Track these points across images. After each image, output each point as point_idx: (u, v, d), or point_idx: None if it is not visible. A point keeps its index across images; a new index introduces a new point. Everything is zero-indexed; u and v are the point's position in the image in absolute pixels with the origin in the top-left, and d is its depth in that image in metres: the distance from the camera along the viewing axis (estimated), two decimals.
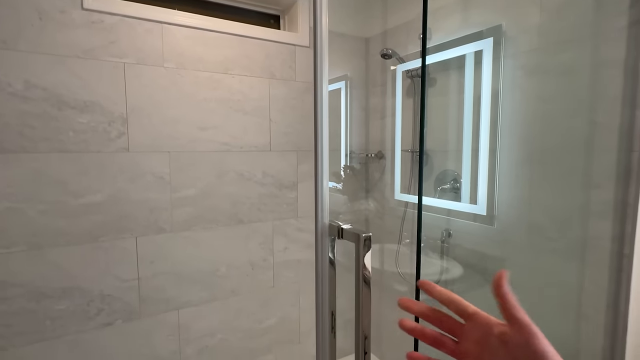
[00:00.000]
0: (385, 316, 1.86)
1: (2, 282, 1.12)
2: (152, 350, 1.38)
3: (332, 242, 0.77)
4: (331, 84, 1.96)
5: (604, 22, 0.96)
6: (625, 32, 0.92)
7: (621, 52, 0.93)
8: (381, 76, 1.80)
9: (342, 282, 0.82)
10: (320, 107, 0.60)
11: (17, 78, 1.10)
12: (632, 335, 0.97)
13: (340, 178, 1.97)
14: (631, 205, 0.93)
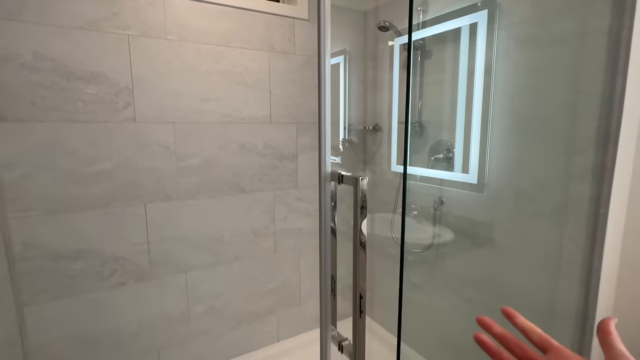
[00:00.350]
0: (377, 278, 1.96)
1: (23, 243, 1.20)
2: (162, 309, 1.48)
3: (332, 212, 0.83)
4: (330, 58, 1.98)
5: None
6: (610, 1, 0.96)
7: (606, 21, 0.97)
8: (379, 49, 1.82)
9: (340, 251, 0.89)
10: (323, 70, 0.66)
11: (26, 49, 1.14)
12: (603, 288, 1.05)
13: (338, 152, 2.03)
14: (608, 168, 0.99)
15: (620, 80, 0.95)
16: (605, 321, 0.36)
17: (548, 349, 0.37)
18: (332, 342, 0.72)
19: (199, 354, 1.59)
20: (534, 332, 0.39)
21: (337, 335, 0.68)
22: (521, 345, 0.39)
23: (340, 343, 0.68)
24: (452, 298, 1.53)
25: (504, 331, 0.40)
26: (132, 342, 1.43)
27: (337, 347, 0.68)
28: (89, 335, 1.35)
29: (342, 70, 1.97)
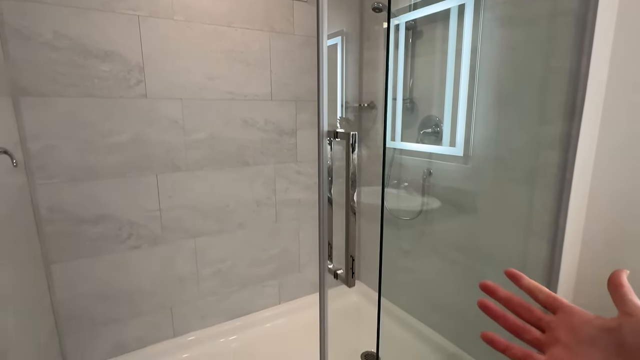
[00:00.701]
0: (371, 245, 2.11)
1: (49, 208, 1.33)
2: (174, 270, 1.63)
3: (330, 185, 0.95)
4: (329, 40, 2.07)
5: None
6: None
7: (574, 3, 1.07)
8: (374, 30, 1.91)
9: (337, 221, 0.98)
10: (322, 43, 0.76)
11: (47, 29, 1.24)
12: (568, 244, 1.19)
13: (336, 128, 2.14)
14: (573, 137, 1.11)
15: (585, 58, 1.06)
16: (616, 274, 0.34)
17: (557, 309, 0.35)
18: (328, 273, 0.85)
19: (207, 312, 1.75)
20: (540, 292, 0.36)
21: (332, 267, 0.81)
22: (528, 307, 0.37)
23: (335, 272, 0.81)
24: (438, 261, 1.68)
25: (508, 294, 0.38)
26: (148, 299, 1.58)
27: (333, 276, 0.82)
28: (109, 292, 1.50)
29: (339, 51, 2.06)
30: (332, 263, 0.85)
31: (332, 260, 0.90)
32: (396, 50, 1.80)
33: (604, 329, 0.31)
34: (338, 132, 0.73)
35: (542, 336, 0.35)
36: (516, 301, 0.37)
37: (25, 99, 1.24)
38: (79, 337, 1.47)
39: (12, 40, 1.20)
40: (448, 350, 1.63)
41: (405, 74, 1.74)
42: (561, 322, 0.34)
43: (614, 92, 1.12)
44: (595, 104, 1.11)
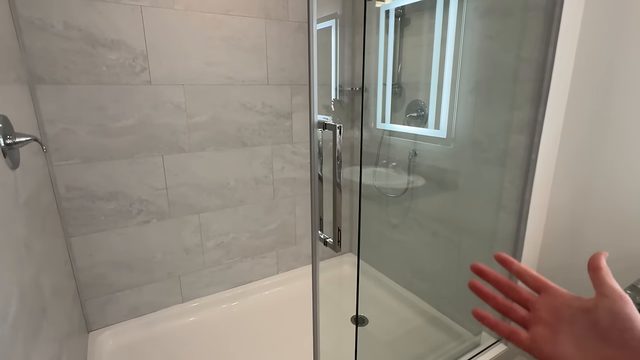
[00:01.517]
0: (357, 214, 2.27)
1: (66, 186, 1.47)
2: (181, 242, 1.79)
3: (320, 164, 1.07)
4: (323, 22, 2.14)
5: None
6: None
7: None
8: (366, 15, 1.99)
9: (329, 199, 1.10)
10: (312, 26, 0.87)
11: (57, 20, 1.33)
12: (532, 217, 1.34)
13: (330, 111, 2.25)
14: (539, 122, 1.24)
15: (551, 49, 1.17)
16: (595, 257, 0.36)
17: (542, 290, 0.37)
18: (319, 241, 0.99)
19: (212, 280, 1.93)
20: (528, 275, 0.39)
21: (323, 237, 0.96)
22: (515, 287, 0.39)
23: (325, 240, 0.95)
24: (422, 234, 1.84)
25: (497, 275, 0.41)
26: (159, 268, 1.75)
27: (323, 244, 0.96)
28: (124, 261, 1.66)
29: (333, 34, 2.14)
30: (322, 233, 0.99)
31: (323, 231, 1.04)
32: (386, 36, 1.88)
33: (582, 309, 0.33)
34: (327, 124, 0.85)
35: (528, 315, 0.38)
36: (504, 282, 0.40)
37: (41, 86, 1.35)
38: (98, 302, 1.64)
39: (26, 32, 1.29)
40: (429, 314, 1.82)
41: (394, 60, 1.84)
42: (544, 302, 0.36)
43: (578, 81, 1.24)
44: (560, 92, 1.23)
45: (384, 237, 2.10)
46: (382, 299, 2.02)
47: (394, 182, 1.93)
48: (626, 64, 1.11)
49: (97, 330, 1.66)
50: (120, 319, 1.72)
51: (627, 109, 1.12)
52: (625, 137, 1.14)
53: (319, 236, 0.96)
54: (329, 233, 0.99)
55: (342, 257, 2.42)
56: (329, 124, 0.85)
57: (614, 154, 1.17)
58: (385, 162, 2.00)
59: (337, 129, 0.84)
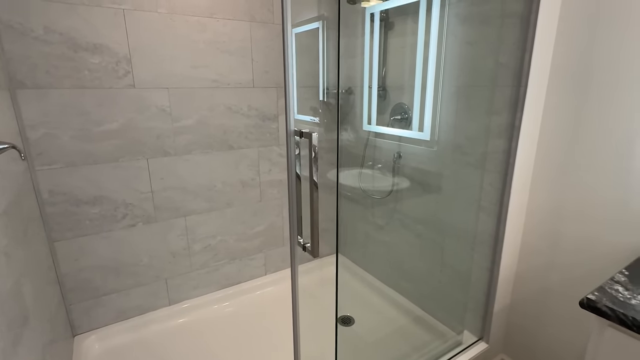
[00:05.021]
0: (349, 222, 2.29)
1: (50, 191, 1.46)
2: (167, 246, 1.79)
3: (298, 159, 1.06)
4: (309, 24, 2.15)
5: None
6: None
7: (520, 6, 1.20)
8: (352, 18, 2.00)
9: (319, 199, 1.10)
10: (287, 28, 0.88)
11: (37, 24, 1.32)
12: (510, 219, 1.38)
13: (317, 112, 2.26)
14: (517, 127, 1.27)
15: (527, 56, 1.20)
16: None
17: None
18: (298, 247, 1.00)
19: (199, 283, 1.93)
20: None
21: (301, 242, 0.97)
22: None
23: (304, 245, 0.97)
24: (407, 234, 1.87)
25: None
26: (145, 271, 1.75)
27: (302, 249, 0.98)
28: (110, 265, 1.66)
29: (320, 35, 2.15)
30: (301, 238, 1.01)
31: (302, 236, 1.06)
32: (371, 39, 1.90)
33: None
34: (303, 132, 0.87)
35: None
36: None
37: (23, 91, 1.34)
38: (84, 306, 1.64)
39: (5, 36, 1.28)
40: (414, 313, 1.85)
41: (379, 63, 1.86)
42: None
43: (554, 87, 1.27)
44: (536, 98, 1.26)
45: (370, 238, 2.13)
46: (369, 299, 2.05)
47: (379, 184, 1.95)
48: (600, 71, 1.14)
49: (83, 334, 1.66)
50: (107, 322, 1.71)
51: (601, 114, 1.16)
52: (599, 140, 1.17)
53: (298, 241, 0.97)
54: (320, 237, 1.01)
55: (331, 258, 2.44)
56: (305, 132, 0.86)
57: (589, 157, 1.21)
58: (371, 164, 2.02)
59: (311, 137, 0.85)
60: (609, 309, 0.82)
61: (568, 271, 1.33)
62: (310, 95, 2.19)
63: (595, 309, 0.84)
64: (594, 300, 0.85)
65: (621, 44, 1.08)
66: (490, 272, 1.48)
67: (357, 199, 2.16)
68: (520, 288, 1.51)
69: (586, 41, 1.16)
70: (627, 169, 1.12)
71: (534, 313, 1.47)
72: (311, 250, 0.95)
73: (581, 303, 0.86)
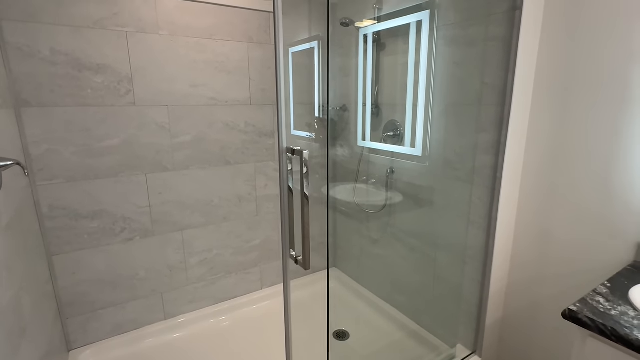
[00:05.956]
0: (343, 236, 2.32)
1: (50, 205, 1.50)
2: (164, 260, 1.81)
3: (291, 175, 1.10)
4: (305, 44, 2.23)
5: (493, 6, 1.28)
6: (506, 15, 1.25)
7: (502, 30, 1.26)
8: (346, 38, 2.08)
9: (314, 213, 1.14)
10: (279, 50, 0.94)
11: (45, 46, 1.38)
12: (500, 233, 1.41)
13: (313, 128, 2.32)
14: (502, 143, 1.32)
15: (510, 76, 1.26)
16: None
17: None
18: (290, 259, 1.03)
19: (195, 297, 1.95)
20: None
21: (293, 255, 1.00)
22: None
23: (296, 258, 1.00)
24: (400, 248, 1.89)
25: None
26: (141, 285, 1.77)
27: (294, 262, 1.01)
28: (107, 278, 1.67)
29: (316, 55, 2.22)
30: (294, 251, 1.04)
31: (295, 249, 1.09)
32: (365, 59, 1.98)
33: None
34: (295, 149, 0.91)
35: None
36: None
37: (27, 109, 1.39)
38: (80, 320, 1.65)
39: (13, 58, 1.34)
40: (408, 327, 1.86)
41: (372, 82, 1.93)
42: None
43: (538, 105, 1.33)
44: (520, 116, 1.32)
45: (365, 252, 2.15)
46: (364, 313, 2.06)
47: (373, 199, 1.99)
48: (580, 88, 1.20)
49: (78, 348, 1.66)
50: (102, 337, 1.72)
51: (582, 130, 1.21)
52: (581, 157, 1.22)
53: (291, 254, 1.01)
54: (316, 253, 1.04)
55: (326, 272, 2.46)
56: (297, 149, 0.91)
57: (572, 173, 1.25)
58: (365, 179, 2.06)
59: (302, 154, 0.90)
60: (589, 320, 0.85)
61: (557, 284, 1.35)
62: (307, 112, 2.25)
63: (576, 320, 0.87)
64: (575, 311, 0.88)
65: (599, 63, 1.14)
66: (481, 286, 1.50)
67: (352, 213, 2.19)
68: (512, 301, 1.53)
69: (566, 62, 1.22)
70: (606, 185, 1.16)
71: (526, 326, 1.49)
72: (303, 263, 0.98)
73: (563, 314, 0.89)
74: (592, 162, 1.19)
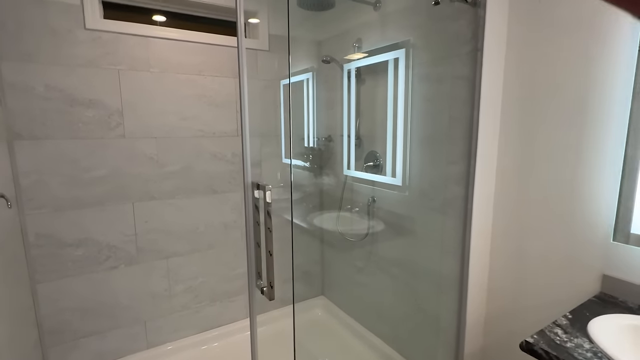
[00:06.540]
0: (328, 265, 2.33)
1: (36, 234, 1.54)
2: (148, 288, 1.83)
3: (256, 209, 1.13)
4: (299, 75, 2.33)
5: (458, 48, 1.37)
6: (470, 56, 1.33)
7: (467, 69, 1.35)
8: (330, 73, 2.19)
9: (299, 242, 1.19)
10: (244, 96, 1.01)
11: (39, 83, 1.48)
12: (473, 263, 1.43)
13: (304, 157, 2.39)
14: (472, 175, 1.37)
15: (475, 112, 1.33)
16: None
17: None
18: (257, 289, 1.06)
19: (179, 326, 1.94)
20: None
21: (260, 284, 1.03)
22: None
23: (262, 289, 1.03)
24: (383, 277, 1.91)
25: None
26: (124, 313, 1.78)
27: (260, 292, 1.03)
28: (89, 306, 1.69)
29: (305, 87, 2.33)
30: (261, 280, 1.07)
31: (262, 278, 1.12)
32: (349, 93, 2.07)
33: None
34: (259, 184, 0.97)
35: None
36: None
37: (20, 142, 1.47)
38: (62, 348, 1.65)
39: (9, 94, 1.43)
40: (392, 357, 1.84)
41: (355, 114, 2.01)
42: None
43: (505, 138, 1.39)
44: (487, 149, 1.38)
45: (349, 280, 2.16)
46: (348, 342, 2.04)
47: (356, 227, 2.03)
48: (543, 124, 1.26)
49: None
50: None
51: (546, 161, 1.26)
52: (547, 188, 1.27)
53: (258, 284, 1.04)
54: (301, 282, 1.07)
55: (315, 300, 2.45)
56: (261, 184, 0.96)
57: (541, 205, 1.29)
58: (349, 207, 2.10)
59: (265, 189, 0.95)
60: (544, 352, 0.86)
61: (532, 314, 1.36)
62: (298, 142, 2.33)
63: (532, 352, 0.88)
64: (531, 343, 0.89)
65: (559, 97, 1.21)
66: (458, 315, 1.51)
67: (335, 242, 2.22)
68: (492, 330, 1.53)
69: (529, 97, 1.29)
70: (572, 216, 1.20)
71: (505, 357, 1.48)
72: (267, 294, 1.01)
73: (521, 345, 0.91)
74: (557, 193, 1.23)
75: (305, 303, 2.41)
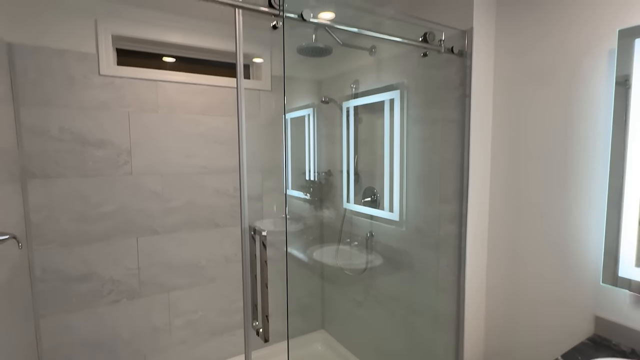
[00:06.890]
0: (327, 299, 2.33)
1: (43, 268, 1.59)
2: (149, 321, 1.85)
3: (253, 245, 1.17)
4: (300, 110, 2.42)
5: (448, 93, 1.45)
6: (459, 101, 1.41)
7: (457, 113, 1.41)
8: (329, 111, 2.28)
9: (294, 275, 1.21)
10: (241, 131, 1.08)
11: (54, 126, 1.57)
12: (469, 301, 1.45)
13: (306, 190, 2.45)
14: (464, 214, 1.41)
15: (466, 153, 1.39)
16: None
17: None
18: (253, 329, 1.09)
19: (179, 359, 1.95)
20: None
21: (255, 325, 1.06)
22: None
23: (258, 330, 1.05)
24: (381, 312, 1.91)
25: None
26: (125, 347, 1.79)
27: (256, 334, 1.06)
28: (91, 340, 1.71)
29: (306, 122, 2.42)
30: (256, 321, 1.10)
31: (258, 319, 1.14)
32: (347, 130, 2.15)
33: None
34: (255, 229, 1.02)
35: None
36: None
37: (32, 180, 1.55)
38: None
39: (26, 137, 1.52)
40: None
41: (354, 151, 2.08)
42: None
43: (496, 178, 1.44)
44: (479, 189, 1.42)
45: (350, 314, 2.16)
46: None
47: (355, 261, 2.05)
48: (531, 170, 1.31)
49: None
50: None
51: (536, 201, 1.30)
52: (539, 229, 1.30)
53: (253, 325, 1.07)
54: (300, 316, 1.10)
55: (315, 334, 2.43)
56: (258, 229, 1.01)
57: (534, 245, 1.32)
58: (348, 241, 2.14)
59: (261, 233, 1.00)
60: None
61: (528, 354, 1.36)
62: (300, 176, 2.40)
63: None
64: None
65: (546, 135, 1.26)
66: (456, 352, 1.50)
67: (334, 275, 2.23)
68: None
69: (518, 139, 1.34)
70: (564, 256, 1.22)
71: None
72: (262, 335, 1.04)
73: None
74: (548, 233, 1.26)
75: (305, 337, 2.40)
